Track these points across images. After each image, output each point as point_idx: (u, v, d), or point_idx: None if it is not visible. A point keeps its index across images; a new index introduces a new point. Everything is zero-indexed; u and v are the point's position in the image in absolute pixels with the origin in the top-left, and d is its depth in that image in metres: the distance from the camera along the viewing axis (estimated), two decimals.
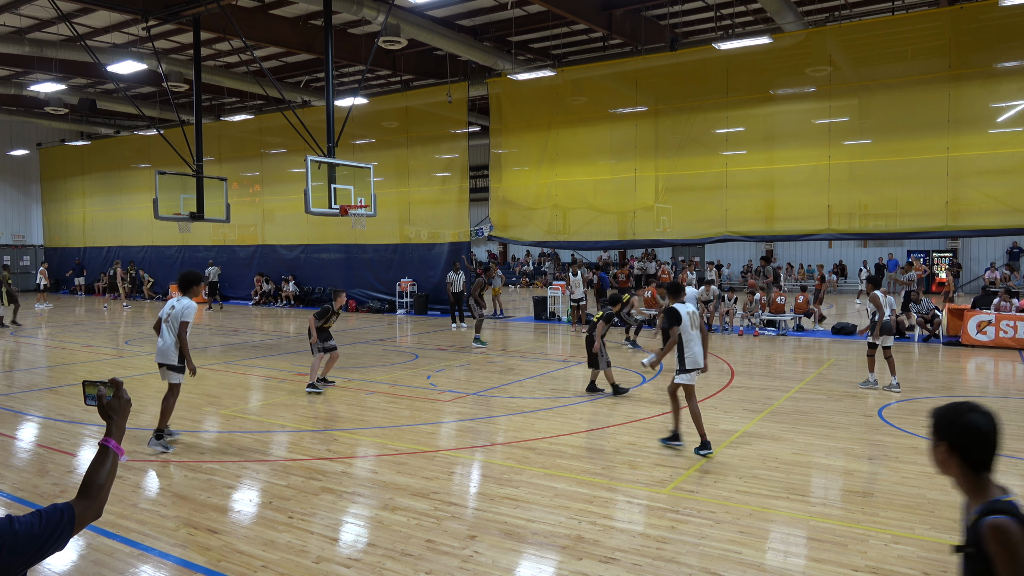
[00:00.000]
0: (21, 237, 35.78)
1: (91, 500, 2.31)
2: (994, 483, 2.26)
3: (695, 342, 7.47)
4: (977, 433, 2.28)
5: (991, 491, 2.25)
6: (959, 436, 2.31)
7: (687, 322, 7.49)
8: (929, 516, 5.68)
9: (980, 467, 2.27)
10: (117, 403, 2.50)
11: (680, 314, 7.47)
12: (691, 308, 7.65)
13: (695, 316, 7.62)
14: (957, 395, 10.56)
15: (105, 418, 2.49)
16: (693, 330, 7.51)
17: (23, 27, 19.68)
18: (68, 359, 14.56)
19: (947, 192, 15.99)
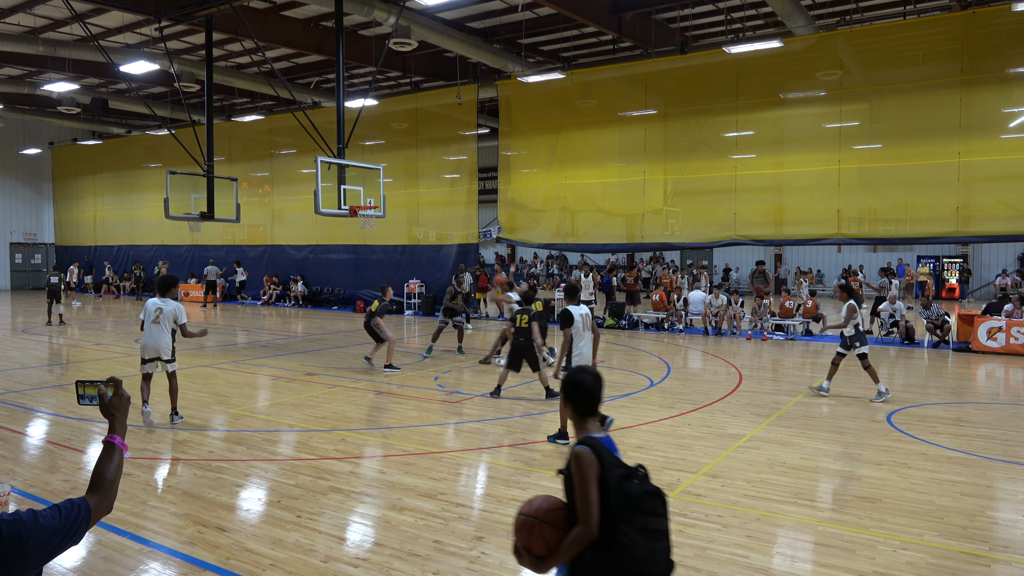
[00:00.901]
0: (33, 235, 36.04)
1: (103, 495, 2.37)
2: (594, 426, 2.92)
3: (585, 343, 7.93)
4: (582, 388, 2.96)
5: (589, 430, 2.89)
6: (571, 390, 2.97)
7: (579, 323, 7.88)
8: (938, 522, 5.66)
9: (584, 412, 2.94)
10: (118, 401, 2.55)
11: (573, 316, 7.84)
12: (584, 311, 8.01)
13: (587, 318, 8.02)
14: (967, 401, 10.51)
15: (108, 416, 2.54)
16: (585, 331, 7.94)
17: (37, 27, 19.84)
18: (79, 356, 14.66)
19: (958, 197, 15.91)
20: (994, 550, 5.18)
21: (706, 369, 13.50)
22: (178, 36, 20.58)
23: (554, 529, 2.67)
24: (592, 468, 2.66)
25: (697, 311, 19.04)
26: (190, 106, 21.74)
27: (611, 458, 2.71)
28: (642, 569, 2.60)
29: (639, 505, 2.62)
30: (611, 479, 2.64)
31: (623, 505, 2.61)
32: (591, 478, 2.64)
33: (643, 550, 2.60)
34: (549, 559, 2.68)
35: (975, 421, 9.16)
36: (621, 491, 2.63)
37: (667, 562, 2.70)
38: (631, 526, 2.60)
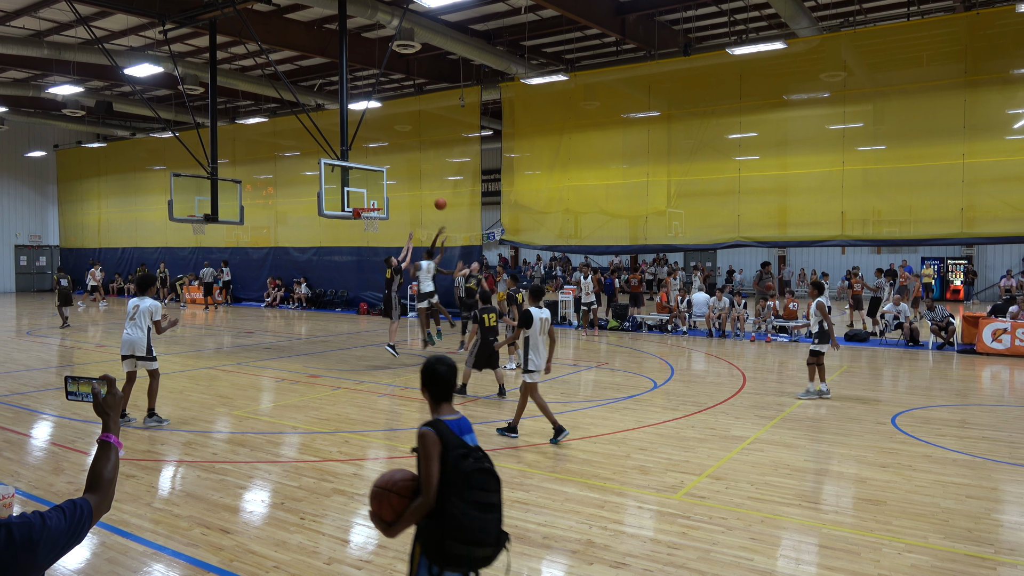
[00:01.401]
0: (38, 237, 36.14)
1: (102, 494, 2.39)
2: (448, 410, 3.23)
3: (542, 346, 8.09)
4: (437, 376, 3.25)
5: (442, 413, 3.20)
6: (428, 378, 3.27)
7: (537, 326, 8.03)
8: (943, 525, 5.64)
9: (438, 399, 3.26)
10: (112, 399, 2.56)
11: (532, 318, 7.99)
12: (546, 314, 8.13)
13: (546, 322, 8.17)
14: (971, 403, 10.47)
15: (101, 415, 2.55)
16: (541, 335, 8.09)
17: (41, 30, 19.91)
18: (83, 359, 14.69)
19: (962, 199, 15.87)
20: (1000, 553, 5.15)
21: (709, 371, 13.48)
22: (182, 39, 20.63)
23: (400, 498, 3.04)
24: (435, 447, 3.02)
25: (700, 313, 19.02)
26: (194, 109, 21.79)
27: (454, 439, 3.07)
28: (471, 537, 2.95)
29: (471, 481, 2.97)
30: (450, 457, 3.00)
31: (457, 480, 2.96)
32: (433, 455, 3.01)
33: (472, 520, 2.95)
34: (396, 524, 3.05)
35: (980, 423, 9.13)
36: (457, 468, 2.98)
37: (497, 533, 3.04)
38: (462, 499, 2.95)
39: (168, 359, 14.15)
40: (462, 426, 3.19)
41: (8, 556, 2.02)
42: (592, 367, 13.70)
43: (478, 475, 3.00)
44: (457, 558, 2.98)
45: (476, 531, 2.96)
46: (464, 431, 3.18)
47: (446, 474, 2.99)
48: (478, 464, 3.02)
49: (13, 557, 2.03)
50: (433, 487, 2.99)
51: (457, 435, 3.10)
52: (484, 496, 3.00)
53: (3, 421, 9.16)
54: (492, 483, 3.05)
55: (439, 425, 3.10)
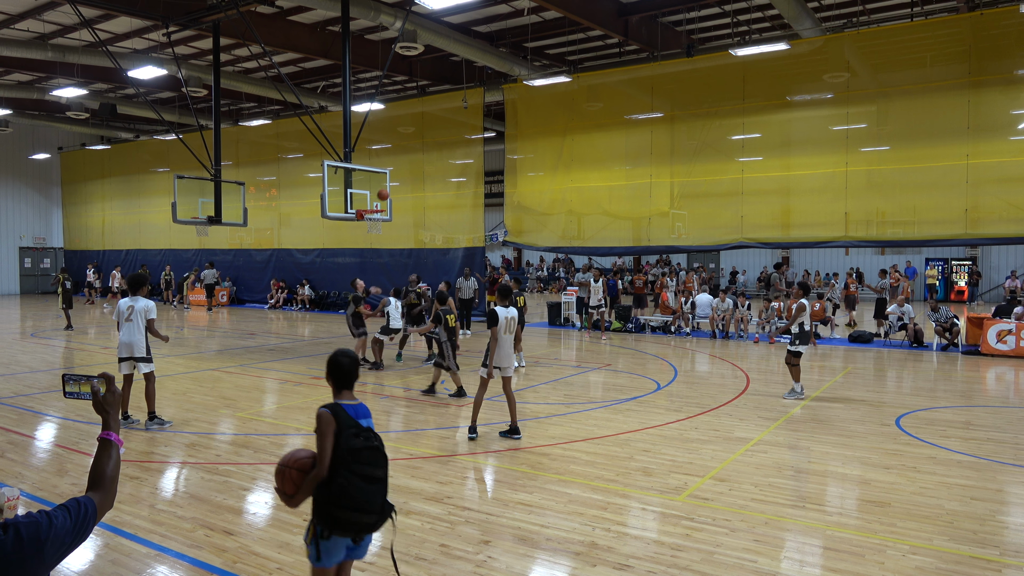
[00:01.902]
0: (42, 239, 36.24)
1: (105, 492, 2.42)
2: (347, 396, 3.69)
3: (505, 345, 8.22)
4: (339, 367, 3.71)
5: (341, 398, 3.66)
6: (331, 368, 3.72)
7: (502, 325, 8.17)
8: (948, 527, 5.62)
9: (339, 386, 3.72)
10: (111, 397, 2.59)
11: (498, 317, 8.15)
12: (512, 314, 8.29)
13: (512, 321, 8.31)
14: (976, 405, 10.44)
15: (101, 413, 2.57)
16: (505, 334, 8.22)
17: (45, 33, 19.98)
18: (88, 360, 14.72)
19: (966, 199, 15.83)
20: (1005, 555, 5.13)
21: (713, 372, 13.46)
22: (186, 41, 20.68)
23: (300, 473, 3.43)
24: (329, 426, 3.45)
25: (704, 314, 19.00)
26: (198, 111, 21.85)
27: (348, 420, 3.51)
28: (356, 505, 3.39)
29: (359, 456, 3.41)
30: (343, 435, 3.44)
31: (347, 455, 3.40)
32: (327, 433, 3.43)
33: (357, 490, 3.38)
34: (296, 496, 3.43)
35: (985, 425, 9.10)
36: (348, 445, 3.42)
37: (382, 503, 3.49)
38: (350, 471, 3.38)
39: (172, 361, 14.18)
40: (359, 411, 3.64)
41: (17, 556, 2.04)
42: (595, 368, 13.69)
43: (366, 452, 3.44)
44: (344, 523, 3.41)
45: (361, 500, 3.39)
46: (360, 416, 3.61)
47: (338, 450, 3.42)
48: (367, 443, 3.46)
49: (22, 557, 2.04)
50: (326, 460, 3.41)
51: (353, 417, 3.55)
52: (370, 470, 3.43)
53: (7, 423, 9.17)
54: (379, 460, 3.49)
55: (336, 408, 3.54)
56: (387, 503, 3.53)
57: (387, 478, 3.53)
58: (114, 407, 2.58)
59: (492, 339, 8.18)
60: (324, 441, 3.43)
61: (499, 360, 8.24)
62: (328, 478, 3.39)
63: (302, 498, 3.44)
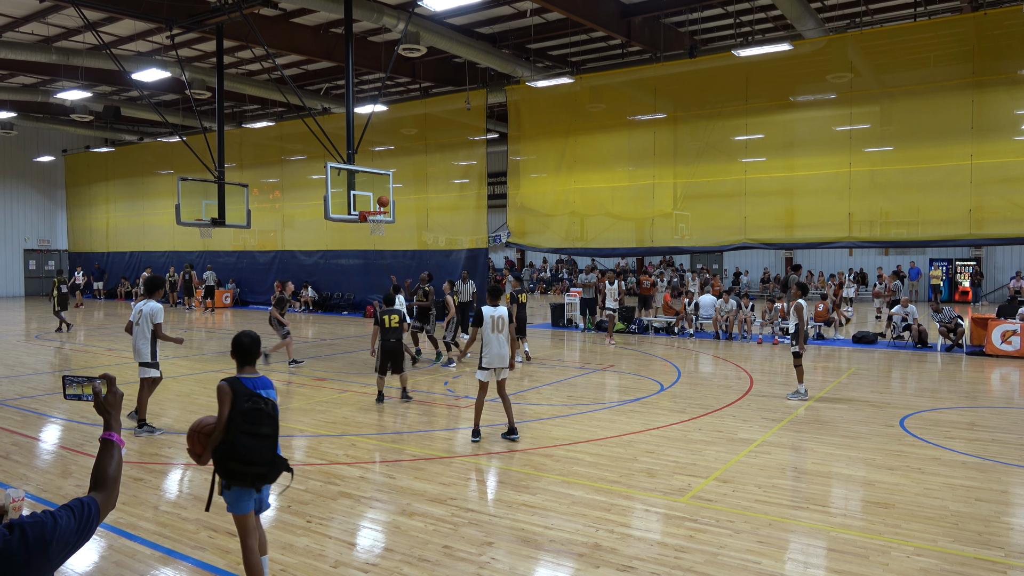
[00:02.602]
0: (47, 242, 36.34)
1: (108, 492, 2.42)
2: (249, 371, 4.35)
3: (495, 344, 8.11)
4: (240, 346, 4.38)
5: (243, 374, 4.32)
6: (234, 347, 4.39)
7: (488, 324, 8.12)
8: (952, 528, 5.60)
9: (241, 363, 4.39)
10: (112, 398, 2.59)
11: (483, 317, 8.13)
12: (500, 312, 8.21)
13: (501, 320, 8.21)
14: (981, 405, 10.41)
15: (103, 413, 2.57)
16: (494, 333, 8.13)
17: (50, 35, 20.03)
18: (91, 362, 14.75)
19: (970, 200, 15.79)
20: (1010, 556, 5.12)
21: (716, 373, 13.44)
22: (189, 44, 20.73)
23: (204, 436, 4.12)
24: (226, 395, 4.15)
25: (707, 315, 18.97)
26: (201, 113, 21.89)
27: (244, 390, 4.17)
28: (245, 458, 4.07)
29: (247, 417, 4.08)
30: (237, 402, 4.11)
31: (238, 417, 4.09)
32: (224, 401, 4.13)
33: (244, 446, 4.06)
34: (203, 454, 4.14)
35: (990, 425, 9.07)
36: (239, 409, 4.10)
37: (271, 458, 4.14)
38: (240, 431, 4.07)
39: (176, 363, 14.20)
40: (257, 383, 4.29)
41: (23, 556, 2.05)
42: (599, 370, 13.68)
43: (252, 413, 4.09)
44: (238, 474, 4.11)
45: (248, 454, 4.07)
46: (260, 387, 4.26)
47: (233, 414, 4.10)
48: (254, 405, 4.11)
49: (27, 557, 2.06)
50: (222, 424, 4.10)
51: (251, 389, 4.21)
52: (256, 428, 4.09)
53: (12, 424, 9.20)
54: (263, 419, 4.12)
55: (234, 381, 4.25)
56: (278, 457, 4.18)
57: (275, 436, 4.19)
58: (116, 408, 2.59)
59: (471, 337, 8.32)
60: (222, 408, 4.14)
61: (489, 360, 8.15)
62: (225, 438, 4.08)
63: (208, 456, 4.15)
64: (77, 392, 2.65)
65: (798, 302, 10.55)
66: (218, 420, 4.13)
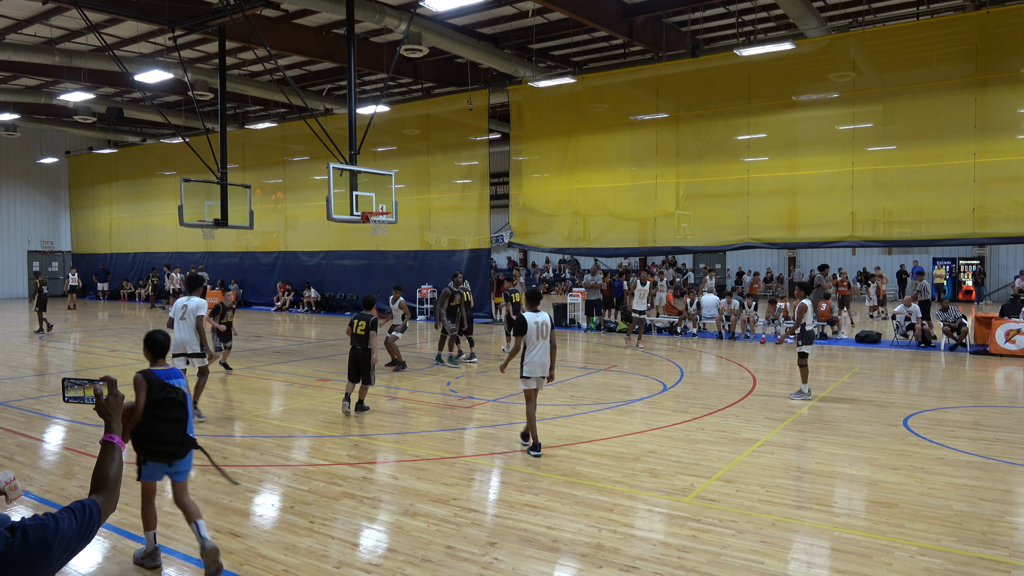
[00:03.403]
0: (50, 243, 36.43)
1: (109, 494, 2.43)
2: (160, 364, 5.01)
3: (537, 351, 7.69)
4: (153, 342, 5.02)
5: (155, 366, 4.96)
6: (147, 343, 5.01)
7: (532, 331, 7.68)
8: (956, 528, 5.59)
9: (154, 356, 5.01)
10: (114, 400, 2.60)
11: (527, 323, 7.66)
12: (542, 318, 7.76)
13: (544, 326, 7.76)
14: (985, 405, 10.38)
15: (104, 415, 2.58)
16: (538, 340, 7.70)
17: (53, 37, 20.09)
18: (95, 363, 14.78)
19: (974, 199, 15.76)
20: (1015, 556, 5.10)
21: (719, 373, 13.42)
22: (192, 45, 20.77)
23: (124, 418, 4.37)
24: (142, 385, 4.75)
25: (710, 315, 18.96)
26: (204, 114, 21.92)
27: (157, 381, 4.78)
28: (159, 439, 4.71)
29: (161, 404, 4.70)
30: (152, 391, 4.73)
31: (153, 404, 4.70)
32: (140, 390, 4.74)
33: (160, 430, 4.70)
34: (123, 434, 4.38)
35: (994, 425, 9.05)
36: (153, 397, 4.71)
37: (182, 438, 4.74)
38: (155, 416, 4.69)
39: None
40: (169, 374, 4.91)
41: (25, 558, 2.05)
42: (601, 370, 13.67)
43: (165, 401, 4.71)
44: (153, 452, 4.76)
45: (161, 435, 4.70)
46: (171, 378, 4.87)
47: (149, 402, 4.70)
48: (166, 395, 4.73)
49: (29, 559, 2.06)
50: (140, 409, 4.69)
51: (163, 380, 4.82)
52: (169, 414, 4.72)
53: (15, 426, 9.22)
54: (175, 407, 4.74)
55: (148, 373, 4.85)
56: (188, 437, 4.78)
57: (186, 419, 4.78)
58: (117, 410, 2.59)
59: (514, 347, 7.76)
60: (139, 396, 4.72)
61: (531, 369, 7.68)
62: (141, 422, 4.69)
63: (127, 436, 4.53)
64: (79, 394, 2.66)
65: (803, 302, 10.55)
66: (136, 406, 4.69)
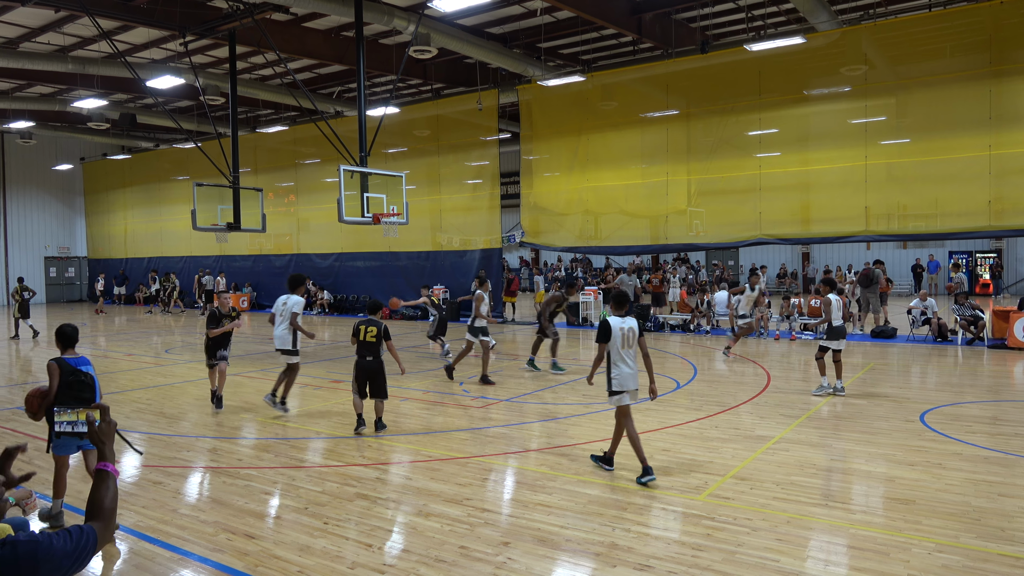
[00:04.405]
0: (67, 249, 36.81)
1: (105, 523, 2.42)
2: (70, 352, 5.89)
3: (624, 362, 6.70)
4: (63, 333, 5.91)
5: (64, 355, 5.86)
6: (57, 335, 5.93)
7: (618, 338, 6.68)
8: (974, 524, 5.52)
9: (64, 346, 5.91)
10: (107, 427, 2.58)
11: (611, 328, 6.67)
12: (629, 324, 6.78)
13: (631, 333, 6.77)
14: (1003, 399, 10.27)
15: (97, 444, 2.55)
16: (625, 348, 6.72)
17: (66, 45, 20.29)
18: (111, 367, 14.91)
19: (989, 191, 15.59)
20: None
21: (733, 370, 13.35)
22: (203, 50, 20.91)
23: (39, 399, 5.61)
24: (54, 371, 5.66)
25: (723, 312, 18.86)
26: (215, 119, 22.07)
27: (67, 367, 5.69)
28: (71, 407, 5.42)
29: (72, 386, 5.63)
30: (63, 375, 5.65)
31: (64, 385, 5.64)
32: (53, 375, 5.66)
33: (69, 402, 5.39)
34: (37, 413, 5.62)
35: (1012, 419, 8.94)
36: (65, 380, 5.64)
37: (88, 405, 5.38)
38: (67, 396, 5.61)
39: (194, 367, 14.33)
40: (78, 361, 5.80)
41: (11, 571, 2.06)
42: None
43: (75, 383, 5.65)
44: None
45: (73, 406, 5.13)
46: (80, 364, 5.77)
47: (61, 385, 5.62)
48: (76, 378, 5.66)
49: (16, 572, 2.07)
50: (53, 391, 5.60)
51: (73, 366, 5.72)
52: (79, 394, 5.63)
53: (34, 430, 9.31)
54: (84, 388, 5.68)
55: (60, 360, 5.74)
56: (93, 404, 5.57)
57: (93, 399, 5.54)
58: (110, 438, 2.57)
59: (598, 356, 6.82)
60: (52, 380, 5.64)
61: (621, 382, 6.71)
62: (54, 402, 5.44)
63: (41, 414, 5.54)
64: (72, 419, 2.62)
65: (827, 297, 10.58)
66: (50, 389, 5.59)
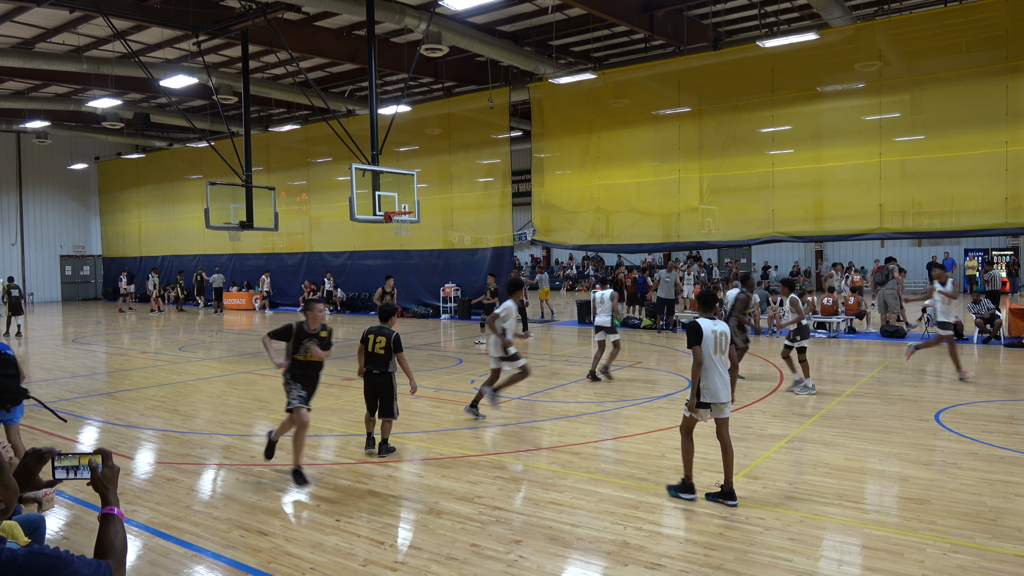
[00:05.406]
0: (82, 248, 37.16)
1: (119, 563, 2.39)
2: None
3: (714, 370, 6.00)
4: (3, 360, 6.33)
5: None
6: None
7: (710, 342, 6.01)
8: (990, 524, 5.47)
9: None
10: (110, 472, 2.53)
11: (702, 331, 6.01)
12: (721, 328, 6.10)
13: (724, 338, 6.07)
14: (1020, 398, 10.16)
15: (100, 489, 2.50)
16: (717, 355, 6.03)
17: (80, 45, 20.46)
18: (126, 365, 15.04)
19: (1006, 188, 15.42)
20: None
21: (745, 369, 13.28)
22: (215, 50, 21.02)
23: None
24: None
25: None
26: (228, 118, 22.20)
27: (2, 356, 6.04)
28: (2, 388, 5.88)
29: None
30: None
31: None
32: None
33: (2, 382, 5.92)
34: None
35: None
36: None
37: (15, 389, 5.92)
38: None
39: (207, 364, 14.43)
40: (2, 347, 6.19)
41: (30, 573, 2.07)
42: (626, 367, 13.60)
43: (2, 362, 5.94)
44: None
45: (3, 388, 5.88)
46: (3, 349, 6.12)
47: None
48: (2, 359, 5.97)
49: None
50: None
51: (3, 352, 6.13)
52: (5, 371, 5.94)
53: (50, 427, 9.40)
54: (9, 365, 6.00)
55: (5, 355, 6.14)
56: (21, 388, 5.95)
57: (17, 376, 6.05)
58: (113, 483, 2.52)
59: (695, 363, 6.01)
60: None
61: (711, 392, 5.98)
62: None
63: None
64: (73, 464, 2.52)
65: (791, 296, 10.92)
66: None
